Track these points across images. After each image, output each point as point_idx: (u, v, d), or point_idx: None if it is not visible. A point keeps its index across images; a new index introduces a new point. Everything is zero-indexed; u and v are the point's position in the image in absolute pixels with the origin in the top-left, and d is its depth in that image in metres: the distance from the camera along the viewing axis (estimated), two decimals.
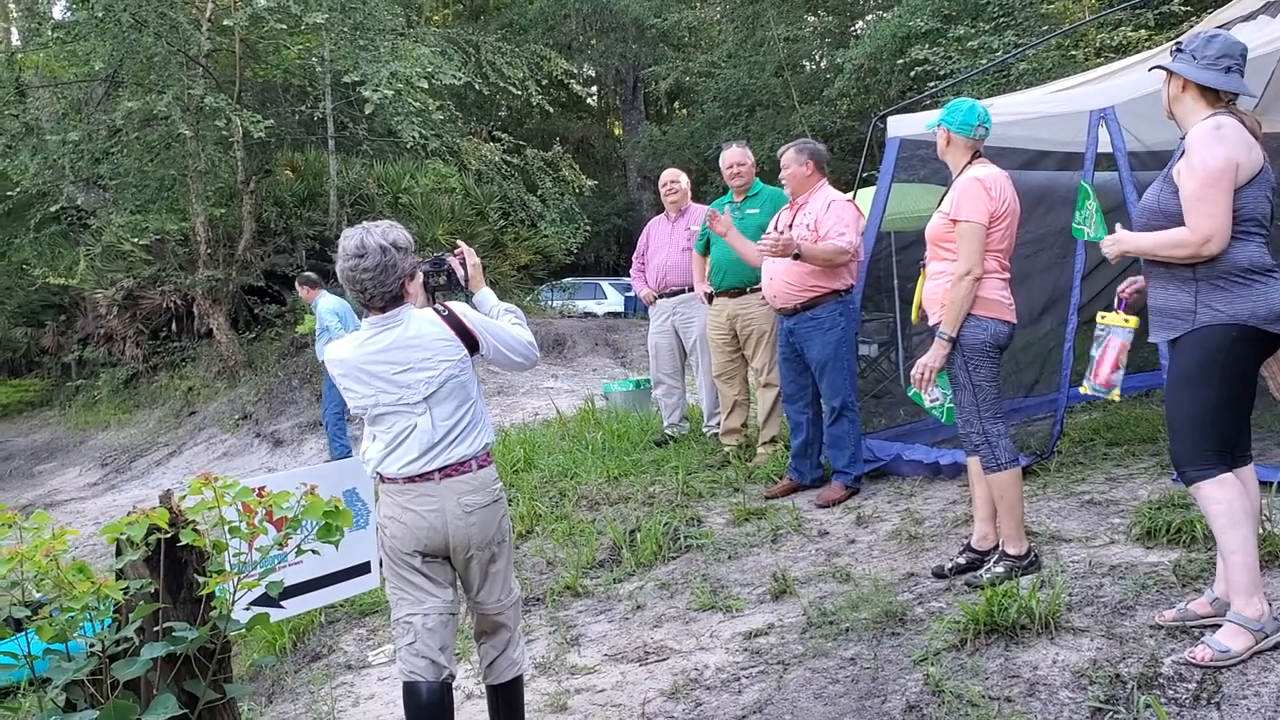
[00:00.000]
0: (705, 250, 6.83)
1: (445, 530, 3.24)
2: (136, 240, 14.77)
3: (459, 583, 3.41)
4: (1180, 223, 3.12)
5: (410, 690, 3.26)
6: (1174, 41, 3.44)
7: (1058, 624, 3.52)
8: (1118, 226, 3.45)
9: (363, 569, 4.33)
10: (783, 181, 5.83)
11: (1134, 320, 3.58)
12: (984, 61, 12.95)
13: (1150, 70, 3.56)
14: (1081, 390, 3.81)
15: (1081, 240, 5.46)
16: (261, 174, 17.13)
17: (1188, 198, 3.09)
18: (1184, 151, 3.15)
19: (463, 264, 3.69)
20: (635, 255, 7.69)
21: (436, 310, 3.33)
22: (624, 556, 5.45)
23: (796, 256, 5.50)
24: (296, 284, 11.16)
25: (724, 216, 6.10)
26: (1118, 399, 3.65)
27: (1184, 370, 3.18)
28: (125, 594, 2.20)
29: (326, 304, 10.45)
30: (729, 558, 5.18)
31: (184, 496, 2.40)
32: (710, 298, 6.76)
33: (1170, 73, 3.26)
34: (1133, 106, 5.25)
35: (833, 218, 5.62)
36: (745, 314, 6.50)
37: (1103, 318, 3.67)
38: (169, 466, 13.66)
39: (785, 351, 5.91)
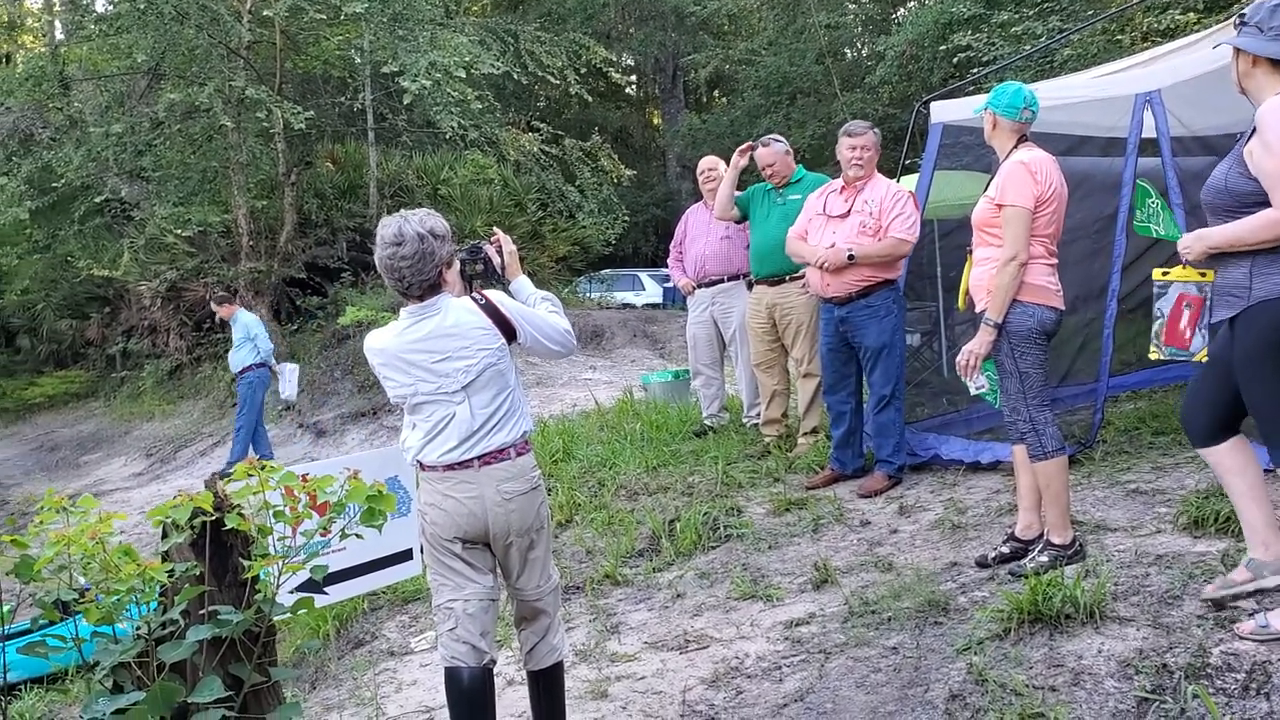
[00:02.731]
0: (742, 216, 6.78)
1: (485, 517, 3.25)
2: (179, 232, 14.94)
3: (499, 569, 3.42)
4: (1249, 204, 3.02)
5: (452, 676, 3.27)
6: (1239, 14, 3.31)
7: (1103, 613, 3.47)
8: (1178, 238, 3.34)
9: (405, 556, 4.36)
10: (859, 163, 5.65)
11: (1209, 274, 3.31)
12: (1028, 47, 12.78)
13: (1215, 48, 3.45)
14: (1151, 356, 3.60)
15: (1121, 229, 5.38)
16: (302, 166, 17.27)
17: (1270, 176, 2.95)
18: (1255, 129, 3.04)
19: (499, 252, 3.69)
20: (673, 244, 7.66)
21: (474, 299, 3.33)
22: (663, 546, 5.44)
23: (851, 259, 5.54)
24: (213, 304, 11.25)
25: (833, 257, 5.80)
26: (1205, 359, 3.40)
27: (1245, 349, 3.10)
28: (170, 577, 2.22)
29: (247, 317, 10.84)
30: (769, 547, 5.16)
31: (229, 480, 2.42)
32: (750, 285, 6.74)
33: (1238, 49, 3.17)
34: (1179, 90, 5.16)
35: (896, 209, 5.59)
36: (784, 303, 6.46)
37: (1164, 274, 3.46)
38: (213, 457, 13.81)
39: (832, 341, 5.85)
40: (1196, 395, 3.36)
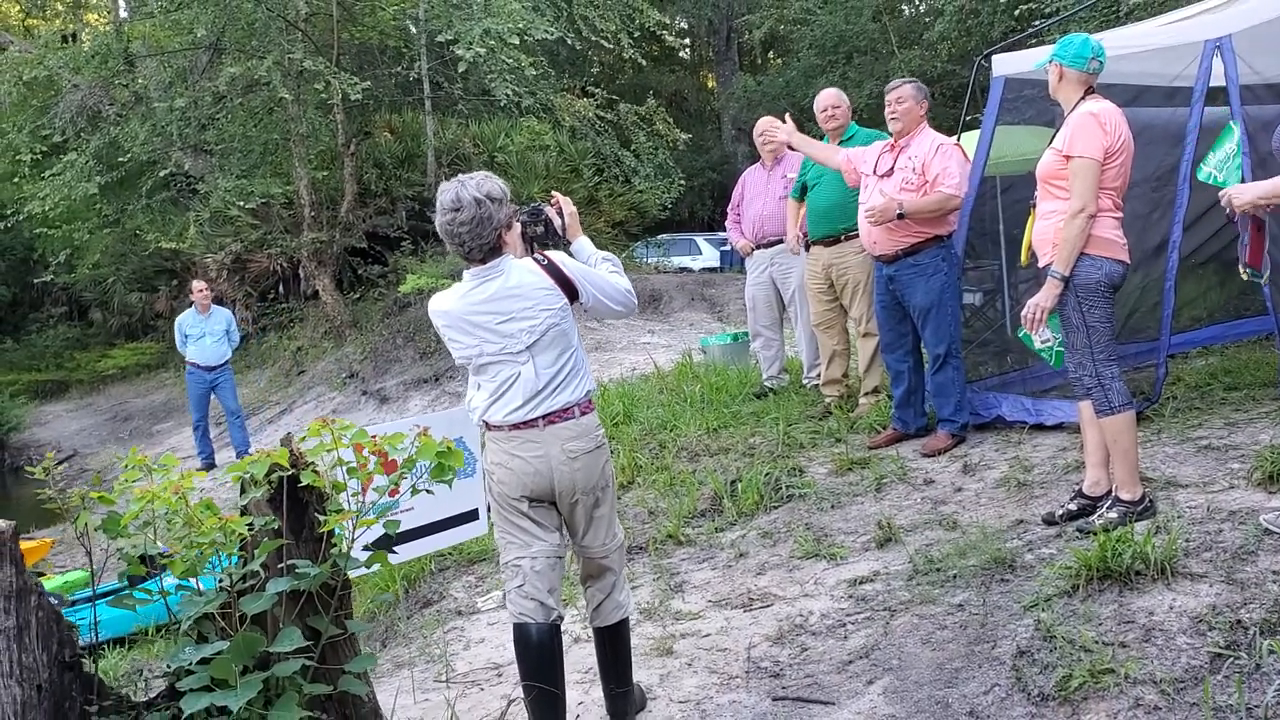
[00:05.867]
0: (801, 197, 6.75)
1: (550, 475, 3.29)
2: (242, 205, 15.14)
3: (565, 527, 3.46)
4: None
5: (520, 631, 3.33)
6: None
7: (1174, 570, 3.43)
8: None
9: (470, 516, 4.44)
10: (894, 117, 5.67)
11: None
12: None
13: None
14: (1243, 277, 3.79)
15: (1185, 180, 5.26)
16: (361, 136, 17.39)
17: None
18: None
19: (559, 213, 3.70)
20: (730, 206, 7.62)
21: (536, 260, 3.36)
22: (725, 506, 5.46)
23: (900, 217, 5.47)
24: (205, 289, 11.37)
25: (786, 125, 5.97)
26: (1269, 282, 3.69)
27: None
28: (250, 530, 2.28)
29: (226, 312, 11.30)
30: (832, 507, 5.16)
31: (303, 439, 2.48)
32: (807, 246, 6.70)
33: None
34: (1250, 35, 5.00)
35: (940, 162, 5.53)
36: (840, 263, 6.41)
37: None
38: (280, 424, 14.08)
39: (884, 300, 5.82)
40: None
